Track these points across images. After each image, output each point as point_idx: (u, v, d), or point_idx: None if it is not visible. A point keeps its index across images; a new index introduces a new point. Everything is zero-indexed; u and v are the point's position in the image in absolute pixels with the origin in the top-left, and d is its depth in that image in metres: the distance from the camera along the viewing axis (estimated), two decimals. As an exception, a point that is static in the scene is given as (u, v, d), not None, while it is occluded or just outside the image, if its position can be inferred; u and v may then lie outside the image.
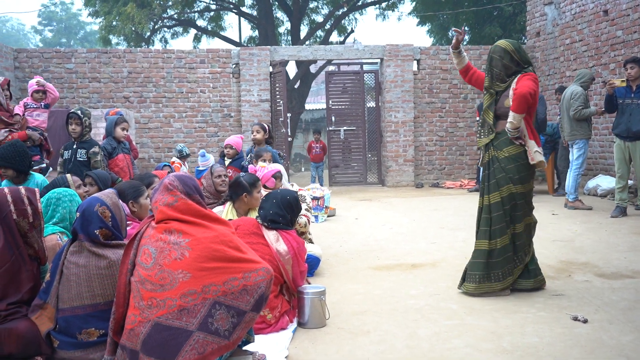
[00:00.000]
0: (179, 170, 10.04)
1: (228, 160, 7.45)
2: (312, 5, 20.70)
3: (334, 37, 20.65)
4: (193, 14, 19.75)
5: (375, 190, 13.16)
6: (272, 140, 7.84)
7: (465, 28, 19.87)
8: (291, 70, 19.83)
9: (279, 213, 4.27)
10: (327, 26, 19.73)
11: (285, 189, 5.15)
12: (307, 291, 4.09)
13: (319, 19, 20.72)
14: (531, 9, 13.99)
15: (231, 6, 19.77)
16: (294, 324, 4.06)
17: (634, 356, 3.41)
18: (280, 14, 20.79)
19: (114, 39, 18.79)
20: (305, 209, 5.56)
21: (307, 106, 23.76)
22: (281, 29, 21.31)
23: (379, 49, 13.62)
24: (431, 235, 7.27)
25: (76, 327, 3.18)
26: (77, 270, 3.21)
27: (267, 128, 7.69)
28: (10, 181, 5.06)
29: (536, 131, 4.74)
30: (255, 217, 4.37)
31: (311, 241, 5.71)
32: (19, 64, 12.77)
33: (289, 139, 13.43)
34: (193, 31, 20.37)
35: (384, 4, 20.21)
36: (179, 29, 20.29)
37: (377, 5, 20.31)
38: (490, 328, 3.93)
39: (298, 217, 5.09)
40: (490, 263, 4.61)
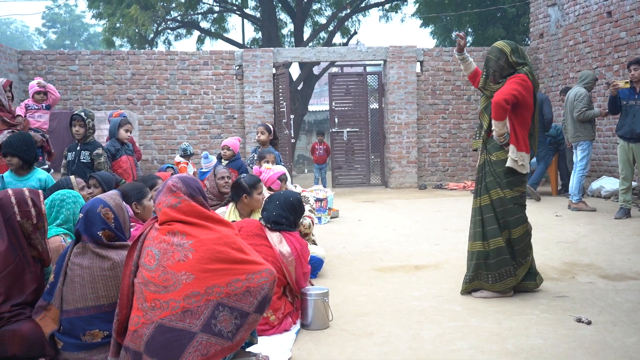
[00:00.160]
0: (185, 170, 10.02)
1: (225, 162, 7.44)
2: (315, 7, 20.72)
3: (337, 39, 20.67)
4: (196, 16, 19.77)
5: (379, 191, 13.16)
6: (277, 142, 7.84)
7: (469, 29, 19.98)
8: (294, 71, 19.84)
9: (282, 214, 4.27)
10: (330, 28, 19.74)
11: (288, 190, 5.15)
12: (310, 293, 4.09)
13: (322, 20, 20.75)
14: (534, 10, 13.98)
15: (234, 8, 19.80)
16: (297, 326, 4.07)
17: (638, 358, 3.40)
18: (283, 16, 20.81)
19: (117, 41, 18.83)
20: (309, 211, 5.56)
21: (310, 108, 23.77)
22: (284, 31, 21.32)
23: (382, 50, 13.62)
24: (434, 237, 7.26)
25: (80, 329, 3.19)
26: (81, 271, 3.22)
27: (272, 129, 7.68)
28: (13, 172, 5.04)
29: (528, 133, 4.64)
30: (259, 219, 4.37)
31: (314, 243, 5.71)
32: (23, 65, 12.81)
33: (292, 141, 13.43)
34: (196, 33, 20.40)
35: (387, 6, 20.21)
36: (183, 31, 20.32)
37: (381, 7, 20.31)
38: (494, 330, 3.93)
39: (302, 219, 5.10)
40: (485, 264, 4.63)
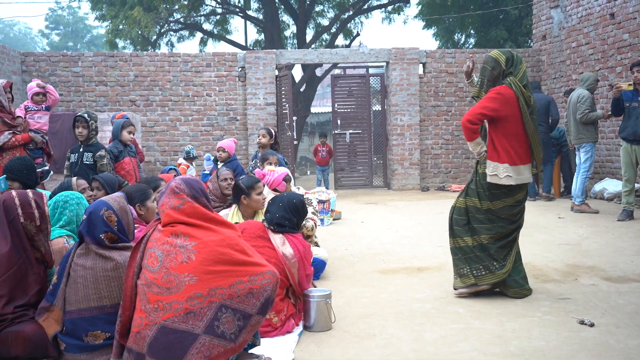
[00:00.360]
0: (185, 172, 10.05)
1: (221, 164, 7.42)
2: (318, 8, 20.74)
3: (340, 41, 20.71)
4: (199, 18, 19.81)
5: (381, 193, 13.15)
6: (278, 147, 7.84)
7: (471, 31, 19.97)
8: (297, 73, 19.88)
9: (285, 216, 4.27)
10: (333, 30, 19.77)
11: (291, 192, 5.16)
12: (313, 294, 4.10)
13: (325, 22, 20.77)
14: (537, 12, 13.97)
15: (237, 10, 19.83)
16: (300, 327, 4.07)
17: (641, 360, 3.40)
18: (286, 18, 20.84)
19: (120, 43, 18.88)
20: (312, 213, 5.56)
21: (313, 109, 23.79)
22: (287, 33, 21.36)
23: (384, 52, 13.62)
24: (437, 239, 7.26)
25: (82, 330, 3.19)
26: (84, 272, 3.22)
27: (274, 133, 7.68)
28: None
29: (519, 143, 4.57)
30: (262, 221, 4.38)
31: (317, 244, 5.71)
32: (26, 67, 12.84)
33: (294, 142, 13.43)
34: (199, 35, 20.45)
35: (389, 8, 20.23)
36: (185, 33, 20.36)
37: (383, 9, 20.33)
38: (497, 332, 3.92)
39: (305, 221, 5.11)
40: (460, 259, 4.71)
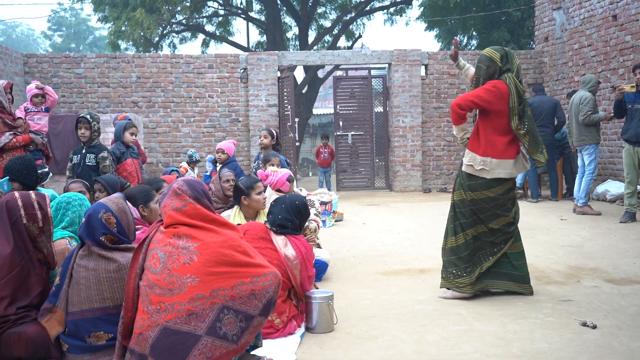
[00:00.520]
0: (184, 174, 10.04)
1: (220, 166, 7.39)
2: (320, 10, 20.75)
3: (342, 42, 20.68)
4: (201, 19, 19.83)
5: (383, 195, 13.15)
6: (280, 147, 7.84)
7: (473, 33, 19.96)
8: (299, 75, 19.87)
9: (288, 218, 4.27)
10: (335, 31, 19.76)
11: (294, 194, 5.17)
12: (315, 296, 4.10)
13: (327, 24, 20.78)
14: (539, 14, 13.96)
15: (239, 11, 19.85)
16: (302, 329, 4.07)
17: (643, 362, 3.40)
18: (288, 19, 20.86)
19: (122, 44, 18.89)
20: (315, 214, 5.56)
21: (315, 111, 23.80)
22: (289, 34, 21.37)
23: (386, 53, 13.62)
24: (439, 240, 7.20)
25: (85, 331, 3.19)
26: (87, 273, 3.22)
27: (275, 134, 7.68)
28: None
29: (509, 138, 4.62)
30: (264, 222, 4.38)
31: (319, 246, 5.71)
32: (29, 69, 12.86)
33: (296, 144, 13.44)
34: (201, 36, 20.47)
35: (392, 9, 20.23)
36: (188, 34, 20.38)
37: (385, 11, 20.32)
38: (499, 333, 3.92)
39: (308, 222, 5.11)
40: (457, 258, 4.78)
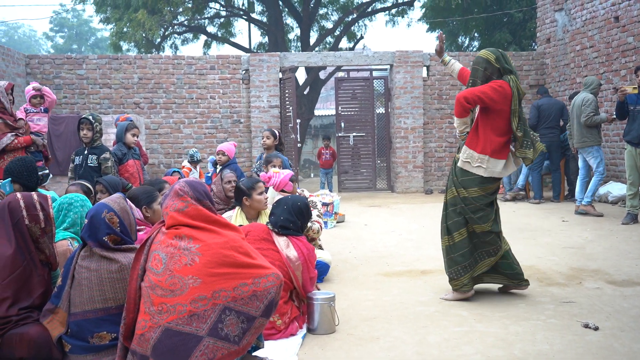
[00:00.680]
0: (187, 175, 10.06)
1: (220, 168, 7.34)
2: (322, 11, 20.76)
3: (344, 44, 20.69)
4: (203, 21, 19.84)
5: (385, 196, 13.15)
6: (282, 147, 7.84)
7: (475, 34, 19.96)
8: (301, 76, 19.86)
9: (290, 219, 4.28)
10: (337, 32, 19.77)
11: (296, 195, 5.17)
12: (317, 297, 4.10)
13: (329, 25, 20.78)
14: (541, 15, 13.96)
15: (241, 13, 19.85)
16: (304, 330, 4.07)
17: (645, 364, 3.39)
18: (290, 20, 20.86)
19: (124, 45, 18.91)
20: (317, 215, 5.56)
21: (317, 112, 23.79)
22: (291, 35, 21.37)
23: (388, 55, 13.63)
24: (440, 242, 7.24)
25: (88, 331, 3.19)
26: (89, 274, 3.23)
27: (277, 134, 7.68)
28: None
29: (504, 140, 4.60)
30: (266, 223, 4.39)
31: (321, 247, 5.71)
32: (31, 70, 12.87)
33: (298, 145, 13.45)
34: (203, 37, 20.48)
35: (393, 11, 20.23)
36: (189, 36, 20.39)
37: (387, 12, 20.33)
38: (501, 335, 3.92)
39: (312, 224, 5.11)
40: (450, 259, 4.76)
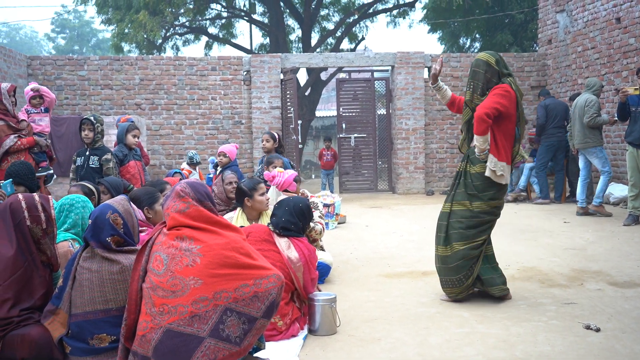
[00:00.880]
0: (188, 177, 10.05)
1: (220, 169, 7.30)
2: (323, 12, 20.76)
3: (345, 45, 20.69)
4: (204, 22, 19.85)
5: (386, 197, 13.14)
6: (283, 150, 7.83)
7: (477, 35, 19.96)
8: (302, 77, 19.89)
9: (291, 220, 4.28)
10: (338, 34, 19.77)
11: (297, 196, 5.17)
12: (318, 298, 4.10)
13: (330, 26, 20.78)
14: (543, 16, 13.96)
15: (242, 14, 19.86)
16: (305, 331, 4.07)
17: (647, 366, 3.39)
18: (291, 22, 20.86)
19: (126, 47, 18.91)
20: (319, 216, 5.56)
21: (318, 113, 23.79)
22: (292, 37, 21.37)
23: (389, 56, 13.62)
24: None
25: (88, 333, 3.20)
26: (90, 275, 3.23)
27: (277, 137, 7.67)
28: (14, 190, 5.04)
29: (511, 144, 4.65)
30: (267, 224, 4.39)
31: (322, 248, 5.71)
32: (32, 71, 12.88)
33: (299, 146, 13.45)
34: (204, 38, 20.48)
35: (395, 12, 20.23)
36: (191, 37, 20.39)
37: (388, 13, 20.33)
38: (502, 336, 3.91)
39: (314, 224, 5.11)
40: (446, 268, 4.66)
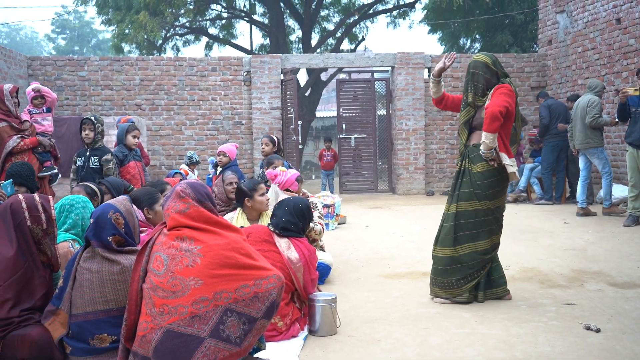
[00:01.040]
0: (187, 177, 10.03)
1: (220, 170, 7.23)
2: (324, 13, 20.75)
3: (345, 45, 20.70)
4: (205, 22, 19.84)
5: (386, 198, 13.14)
6: (282, 153, 7.81)
7: (477, 36, 19.97)
8: (302, 78, 19.87)
9: (291, 221, 4.28)
10: (338, 34, 19.76)
11: (297, 196, 5.17)
12: (318, 299, 4.10)
13: (330, 27, 20.78)
14: (543, 17, 13.96)
15: (243, 14, 19.87)
16: (305, 332, 4.07)
17: (647, 366, 3.39)
18: (291, 22, 20.86)
19: (126, 47, 18.91)
20: (318, 217, 5.57)
21: (318, 114, 23.79)
22: (292, 37, 21.37)
23: (390, 56, 13.62)
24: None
25: (89, 333, 3.20)
26: (90, 275, 3.23)
27: (276, 141, 7.65)
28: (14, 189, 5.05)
29: (510, 142, 4.69)
30: (267, 224, 4.39)
31: (322, 249, 5.71)
32: (33, 71, 12.88)
33: (299, 147, 13.44)
34: (205, 39, 20.48)
35: (395, 12, 20.23)
36: (191, 37, 20.39)
37: (388, 14, 20.33)
38: (502, 337, 3.91)
39: (314, 225, 5.11)
40: (448, 270, 4.66)
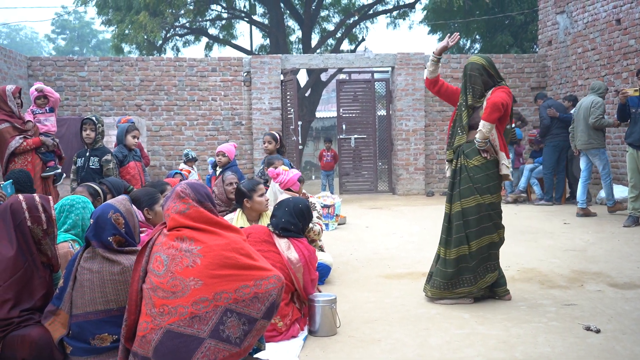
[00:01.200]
0: (188, 176, 10.02)
1: (219, 170, 7.24)
2: (323, 13, 20.76)
3: (345, 46, 20.71)
4: (205, 23, 19.85)
5: (386, 198, 13.14)
6: (284, 150, 7.81)
7: (477, 36, 19.96)
8: (302, 78, 19.87)
9: (291, 221, 4.28)
10: (338, 35, 19.77)
11: (297, 197, 5.17)
12: (318, 299, 4.10)
13: (330, 27, 20.79)
14: (543, 17, 13.96)
15: (243, 15, 19.87)
16: (305, 332, 4.07)
17: (647, 367, 3.39)
18: (291, 23, 20.86)
19: (126, 47, 18.91)
20: (317, 217, 5.56)
21: (318, 114, 23.80)
22: (292, 38, 21.38)
23: (390, 57, 13.62)
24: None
25: (89, 333, 3.20)
26: (91, 276, 3.23)
27: (279, 138, 7.65)
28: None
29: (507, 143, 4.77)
30: (267, 225, 4.39)
31: (322, 249, 5.71)
32: (33, 72, 12.89)
33: (299, 147, 13.44)
34: (205, 39, 20.48)
35: (395, 13, 20.23)
36: (191, 38, 20.40)
37: (388, 14, 20.33)
38: (502, 337, 3.92)
39: (313, 225, 5.11)
40: (450, 272, 4.66)
